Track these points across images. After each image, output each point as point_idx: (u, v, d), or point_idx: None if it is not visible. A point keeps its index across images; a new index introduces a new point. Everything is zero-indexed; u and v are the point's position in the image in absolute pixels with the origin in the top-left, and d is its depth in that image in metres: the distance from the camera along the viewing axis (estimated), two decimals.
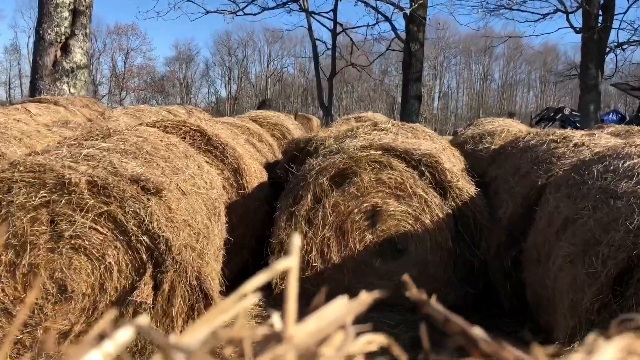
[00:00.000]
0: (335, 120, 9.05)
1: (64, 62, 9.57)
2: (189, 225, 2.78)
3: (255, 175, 4.24)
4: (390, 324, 3.13)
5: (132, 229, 2.61)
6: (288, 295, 0.31)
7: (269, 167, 5.37)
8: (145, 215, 2.59)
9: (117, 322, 0.30)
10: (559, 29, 50.82)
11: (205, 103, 48.95)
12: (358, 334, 0.32)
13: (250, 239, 4.04)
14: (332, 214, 3.51)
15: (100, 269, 2.62)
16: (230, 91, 48.76)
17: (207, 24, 70.11)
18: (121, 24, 49.49)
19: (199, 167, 3.48)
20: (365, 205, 3.52)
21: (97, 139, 3.20)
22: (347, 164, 3.54)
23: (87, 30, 9.85)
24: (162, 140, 3.42)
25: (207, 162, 3.87)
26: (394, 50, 19.51)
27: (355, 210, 3.51)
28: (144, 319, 0.30)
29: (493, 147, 4.92)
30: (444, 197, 3.52)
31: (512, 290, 3.23)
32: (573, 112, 17.15)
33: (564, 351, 0.32)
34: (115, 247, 2.63)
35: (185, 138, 3.96)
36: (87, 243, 2.62)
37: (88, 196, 2.57)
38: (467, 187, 3.56)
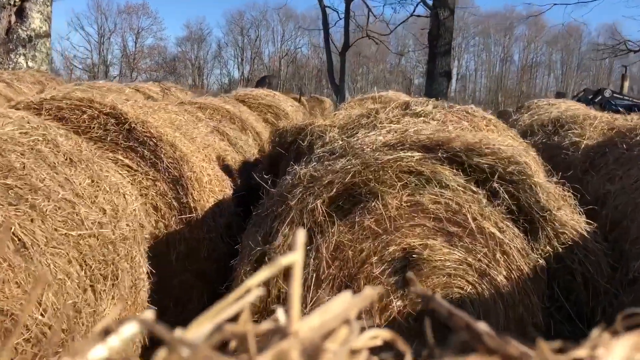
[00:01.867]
0: (347, 101, 6.66)
1: (20, 30, 8.09)
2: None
3: (212, 189, 2.85)
4: None
5: None
6: (292, 290, 0.32)
7: (247, 170, 4.13)
8: None
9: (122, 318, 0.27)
10: None
11: (218, 84, 48.87)
12: (362, 329, 0.32)
13: (201, 294, 2.71)
14: (333, 264, 2.03)
15: None
16: (242, 72, 48.62)
17: (219, 2, 69.49)
18: (132, 3, 49.33)
19: (93, 180, 2.17)
20: (391, 249, 2.01)
21: None
22: (360, 176, 2.07)
23: None
24: (24, 133, 2.07)
25: (127, 169, 2.65)
26: (419, 16, 16.79)
27: (374, 259, 2.01)
28: (149, 314, 0.30)
29: (585, 141, 3.36)
30: (532, 238, 2.09)
31: None
32: (615, 95, 16.24)
33: (570, 347, 0.32)
34: None
35: (90, 127, 2.65)
36: None
37: None
38: (573, 221, 2.10)
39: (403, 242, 2.03)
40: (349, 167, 2.07)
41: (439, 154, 2.11)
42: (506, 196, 2.07)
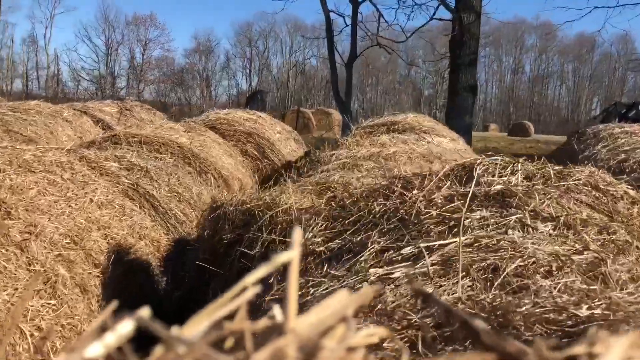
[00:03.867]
0: (351, 132, 4.96)
1: None
2: None
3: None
4: None
5: None
6: (289, 287, 0.31)
7: (177, 262, 3.15)
8: None
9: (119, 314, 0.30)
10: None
11: (227, 96, 49.15)
12: (359, 327, 0.33)
13: None
14: None
15: None
16: (251, 84, 48.85)
17: (228, 14, 70.09)
18: (139, 15, 49.83)
19: None
20: None
21: None
22: None
23: None
24: None
25: None
26: (441, 19, 13.96)
27: None
28: (145, 311, 0.30)
29: None
30: None
31: None
32: None
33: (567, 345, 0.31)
34: None
35: None
36: None
37: None
38: None
39: None
40: None
41: None
42: None
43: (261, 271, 0.32)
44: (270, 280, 1.71)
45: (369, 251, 1.78)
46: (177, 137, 4.30)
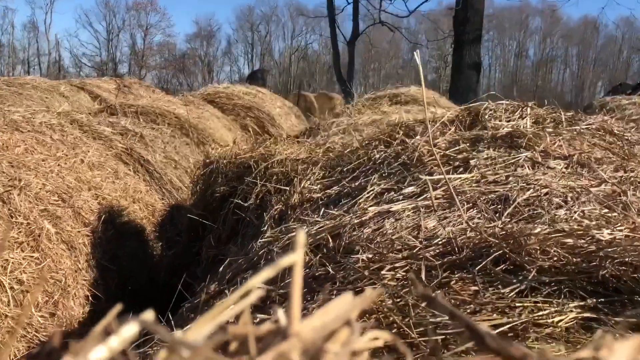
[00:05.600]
0: (354, 100, 4.95)
1: None
2: None
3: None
4: None
5: None
6: (293, 290, 0.31)
7: (172, 224, 3.10)
8: None
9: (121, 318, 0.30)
10: None
11: (229, 81, 48.76)
12: (364, 331, 0.32)
13: None
14: None
15: None
16: (252, 69, 48.37)
17: None
18: (140, 0, 49.27)
19: None
20: None
21: None
22: None
23: None
24: None
25: None
26: None
27: None
28: (149, 314, 0.30)
29: None
30: None
31: None
32: None
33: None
34: None
35: None
36: None
37: None
38: None
39: None
40: None
41: None
42: None
43: (265, 274, 0.32)
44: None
45: (368, 193, 1.67)
46: (174, 109, 4.16)
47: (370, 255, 1.16)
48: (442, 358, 0.84)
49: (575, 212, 1.20)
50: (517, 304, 0.94)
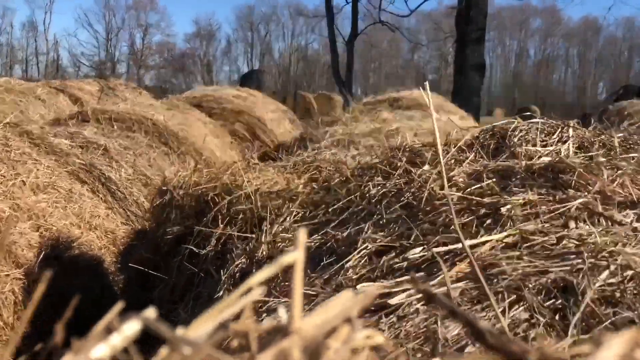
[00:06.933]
0: (351, 106, 4.50)
1: None
2: None
3: None
4: None
5: None
6: (294, 288, 0.31)
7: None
8: None
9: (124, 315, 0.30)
10: None
11: (228, 82, 48.35)
12: (364, 328, 0.32)
13: None
14: None
15: None
16: (252, 69, 47.92)
17: None
18: None
19: None
20: None
21: None
22: None
23: None
24: None
25: None
26: None
27: None
28: (151, 312, 0.30)
29: None
30: None
31: None
32: None
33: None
34: None
35: None
36: None
37: None
38: None
39: None
40: None
41: None
42: None
43: (266, 272, 0.32)
44: None
45: (359, 253, 1.21)
46: (152, 114, 3.71)
47: None
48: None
49: None
50: None
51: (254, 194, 1.53)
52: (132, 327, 0.29)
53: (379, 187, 1.49)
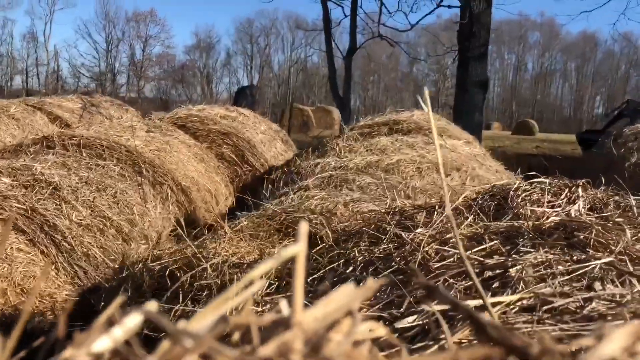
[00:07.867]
0: (345, 132, 4.18)
1: None
2: None
3: None
4: None
5: None
6: (295, 281, 0.31)
7: None
8: None
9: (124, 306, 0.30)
10: None
11: (227, 93, 48.23)
12: (365, 320, 0.32)
13: None
14: None
15: None
16: (252, 81, 47.91)
17: (228, 10, 69.35)
18: (139, 11, 48.80)
19: None
20: None
21: None
22: None
23: None
24: None
25: None
26: (449, 6, 12.46)
27: None
28: (152, 305, 0.30)
29: None
30: None
31: None
32: None
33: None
34: None
35: None
36: None
37: None
38: None
39: None
40: None
41: None
42: None
43: (267, 265, 0.32)
44: None
45: None
46: (126, 140, 3.37)
47: None
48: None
49: None
50: None
51: (222, 266, 1.32)
52: (133, 320, 0.30)
53: (366, 254, 1.31)
